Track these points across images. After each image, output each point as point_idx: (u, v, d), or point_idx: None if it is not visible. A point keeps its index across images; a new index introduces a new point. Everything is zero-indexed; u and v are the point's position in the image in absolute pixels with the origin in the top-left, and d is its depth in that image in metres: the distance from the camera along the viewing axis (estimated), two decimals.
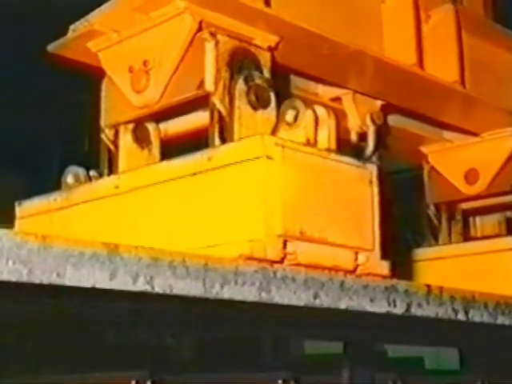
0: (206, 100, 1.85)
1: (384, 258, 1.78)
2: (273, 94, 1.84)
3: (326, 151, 1.71)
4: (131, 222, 1.82)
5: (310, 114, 1.73)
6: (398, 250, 2.36)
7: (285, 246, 1.59)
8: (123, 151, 2.06)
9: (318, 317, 1.68)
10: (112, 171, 2.05)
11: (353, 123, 2.35)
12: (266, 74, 1.90)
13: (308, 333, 2.08)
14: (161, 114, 2.01)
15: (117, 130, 2.07)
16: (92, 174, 2.09)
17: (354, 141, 2.35)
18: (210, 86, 1.82)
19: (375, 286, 1.66)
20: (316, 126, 1.73)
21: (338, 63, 2.16)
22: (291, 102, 1.79)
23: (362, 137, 2.37)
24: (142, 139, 2.08)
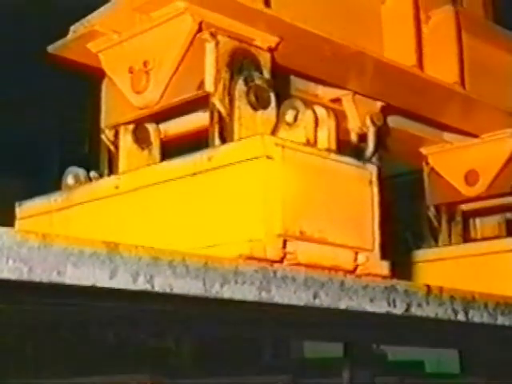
0: (205, 100, 1.85)
1: (384, 258, 1.78)
2: (273, 94, 1.84)
3: (326, 151, 1.71)
4: (131, 222, 1.82)
5: (310, 114, 1.73)
6: (397, 251, 2.36)
7: (285, 245, 1.59)
8: (123, 152, 2.07)
9: (317, 317, 1.68)
10: (112, 172, 2.05)
11: (353, 124, 2.35)
12: (266, 75, 1.90)
13: (307, 333, 2.09)
14: (161, 115, 2.01)
15: (117, 130, 2.07)
16: (92, 174, 2.09)
17: (353, 142, 2.35)
18: (209, 87, 1.82)
19: (375, 286, 1.66)
20: (316, 126, 1.73)
21: (338, 64, 2.16)
22: (291, 102, 1.79)
23: (362, 138, 2.37)
24: (142, 140, 2.08)
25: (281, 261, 1.58)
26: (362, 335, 2.04)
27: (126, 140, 2.06)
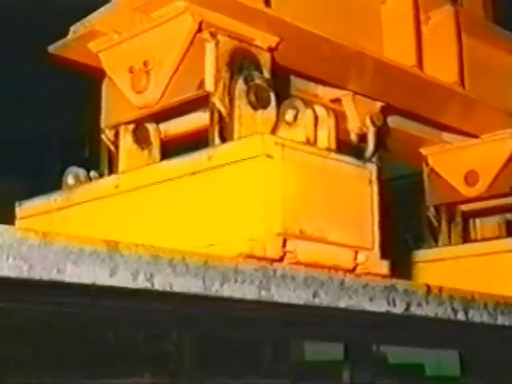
0: (206, 100, 1.86)
1: (383, 257, 1.78)
2: (273, 93, 1.85)
3: (326, 150, 1.72)
4: (131, 222, 1.82)
5: (310, 113, 1.73)
6: (397, 252, 2.36)
7: (284, 244, 1.59)
8: (123, 152, 2.07)
9: (317, 315, 1.68)
10: (112, 172, 2.05)
11: (352, 124, 2.35)
12: (266, 75, 1.90)
13: (307, 331, 2.08)
14: (161, 115, 2.01)
15: (117, 130, 2.08)
16: (92, 174, 2.10)
17: (353, 142, 2.35)
18: (210, 86, 1.82)
19: (375, 285, 1.67)
20: (316, 126, 1.73)
21: (338, 64, 2.16)
22: (291, 101, 1.79)
23: (362, 138, 2.37)
24: (142, 140, 2.08)
25: (281, 260, 1.58)
26: (361, 334, 2.04)
27: (126, 140, 2.06)
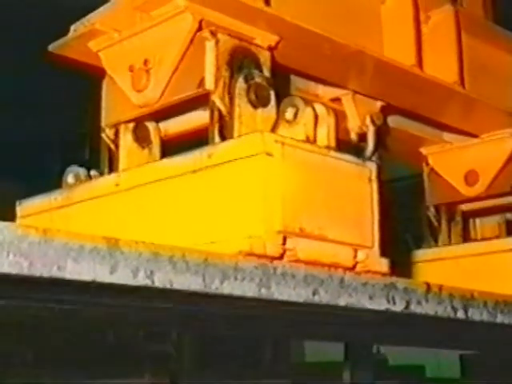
0: (206, 99, 1.86)
1: (383, 256, 1.78)
2: (272, 92, 1.85)
3: (326, 148, 1.72)
4: (132, 220, 1.82)
5: (310, 111, 1.74)
6: (397, 252, 2.36)
7: (284, 242, 1.59)
8: (123, 150, 2.07)
9: (316, 313, 1.68)
10: (112, 170, 2.05)
11: (352, 124, 2.35)
12: (266, 73, 1.90)
13: (307, 330, 2.09)
14: (161, 113, 2.02)
15: (117, 129, 2.08)
16: (93, 173, 2.10)
17: (353, 141, 2.35)
18: (210, 85, 1.82)
19: (374, 283, 1.67)
20: (315, 124, 1.74)
21: (338, 63, 2.16)
22: (291, 99, 1.79)
23: (362, 138, 2.37)
24: (142, 138, 2.09)
25: (280, 257, 1.59)
26: (361, 333, 2.04)
27: (127, 139, 2.06)
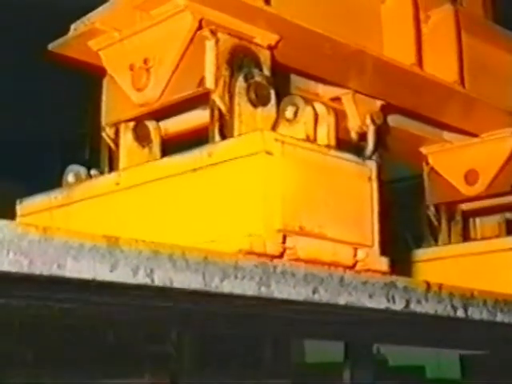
0: (206, 98, 1.86)
1: (383, 254, 1.78)
2: (272, 91, 1.85)
3: (326, 147, 1.72)
4: (132, 219, 1.82)
5: (310, 110, 1.74)
6: (397, 251, 2.36)
7: (284, 240, 1.59)
8: (124, 150, 2.07)
9: (316, 312, 1.68)
10: (113, 170, 2.06)
11: (353, 123, 2.35)
12: (266, 72, 1.90)
13: (306, 328, 2.09)
14: (161, 112, 2.02)
15: (117, 128, 2.08)
16: (93, 172, 2.10)
17: (354, 141, 2.36)
18: (210, 84, 1.83)
19: (374, 282, 1.67)
20: (315, 123, 1.74)
21: (338, 62, 2.16)
22: (291, 98, 1.80)
23: (362, 137, 2.37)
24: (142, 138, 2.09)
25: (280, 256, 1.59)
26: (361, 332, 2.04)
27: (127, 138, 2.06)
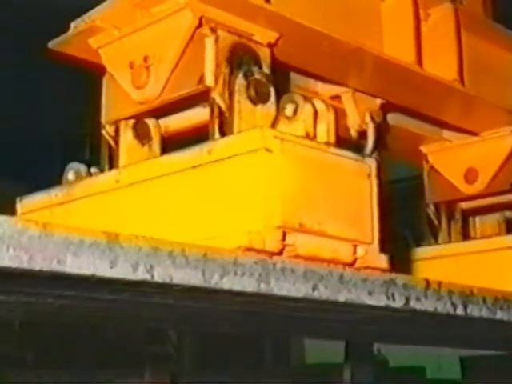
0: (205, 95, 1.86)
1: (383, 251, 1.79)
2: (272, 88, 1.85)
3: (325, 145, 1.72)
4: (132, 216, 1.83)
5: (309, 107, 1.74)
6: (397, 250, 2.36)
7: (284, 237, 1.60)
8: (124, 147, 2.07)
9: (316, 309, 1.68)
10: (112, 167, 2.06)
11: (352, 121, 2.35)
12: (266, 70, 1.91)
13: (306, 326, 2.09)
14: (161, 110, 2.02)
15: (117, 126, 2.08)
16: (93, 170, 2.10)
17: (353, 139, 2.36)
18: (210, 81, 1.83)
19: (374, 279, 1.67)
20: (315, 120, 1.74)
21: (337, 60, 2.17)
22: (290, 96, 1.80)
23: (362, 136, 2.37)
24: (142, 135, 2.09)
25: (280, 253, 1.59)
26: (360, 329, 2.04)
27: (127, 135, 2.07)
